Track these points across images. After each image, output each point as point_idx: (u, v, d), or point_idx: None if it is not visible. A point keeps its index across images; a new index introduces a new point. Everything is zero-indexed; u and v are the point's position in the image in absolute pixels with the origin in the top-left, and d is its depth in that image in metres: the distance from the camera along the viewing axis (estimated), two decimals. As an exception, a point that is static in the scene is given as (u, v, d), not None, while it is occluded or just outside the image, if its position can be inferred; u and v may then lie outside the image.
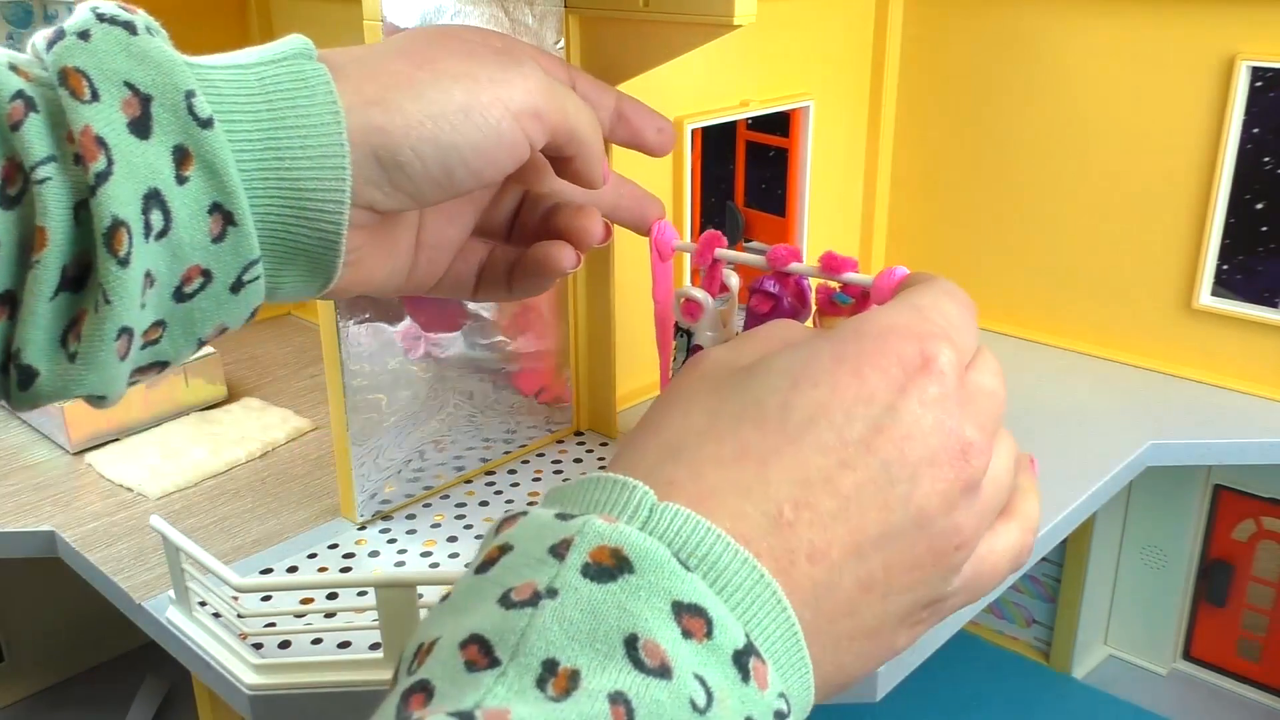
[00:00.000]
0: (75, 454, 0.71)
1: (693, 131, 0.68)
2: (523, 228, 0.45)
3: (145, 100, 0.30)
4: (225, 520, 0.62)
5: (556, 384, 0.68)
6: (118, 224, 0.29)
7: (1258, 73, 0.68)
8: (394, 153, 0.34)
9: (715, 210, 0.81)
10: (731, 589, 0.23)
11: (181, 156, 0.30)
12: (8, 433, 0.75)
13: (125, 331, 0.30)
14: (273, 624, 0.51)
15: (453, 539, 0.59)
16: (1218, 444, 0.68)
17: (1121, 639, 0.94)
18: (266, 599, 0.53)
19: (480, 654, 0.21)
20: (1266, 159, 0.69)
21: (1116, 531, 0.90)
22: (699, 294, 0.48)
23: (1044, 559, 0.92)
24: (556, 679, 0.20)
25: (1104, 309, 0.79)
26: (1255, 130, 0.69)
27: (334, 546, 0.58)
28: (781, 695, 0.23)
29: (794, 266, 0.44)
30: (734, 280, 0.48)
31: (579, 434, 0.70)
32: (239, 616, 0.51)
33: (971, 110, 0.81)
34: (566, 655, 0.21)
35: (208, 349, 0.77)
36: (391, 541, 0.59)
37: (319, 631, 0.51)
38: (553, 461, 0.67)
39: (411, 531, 0.59)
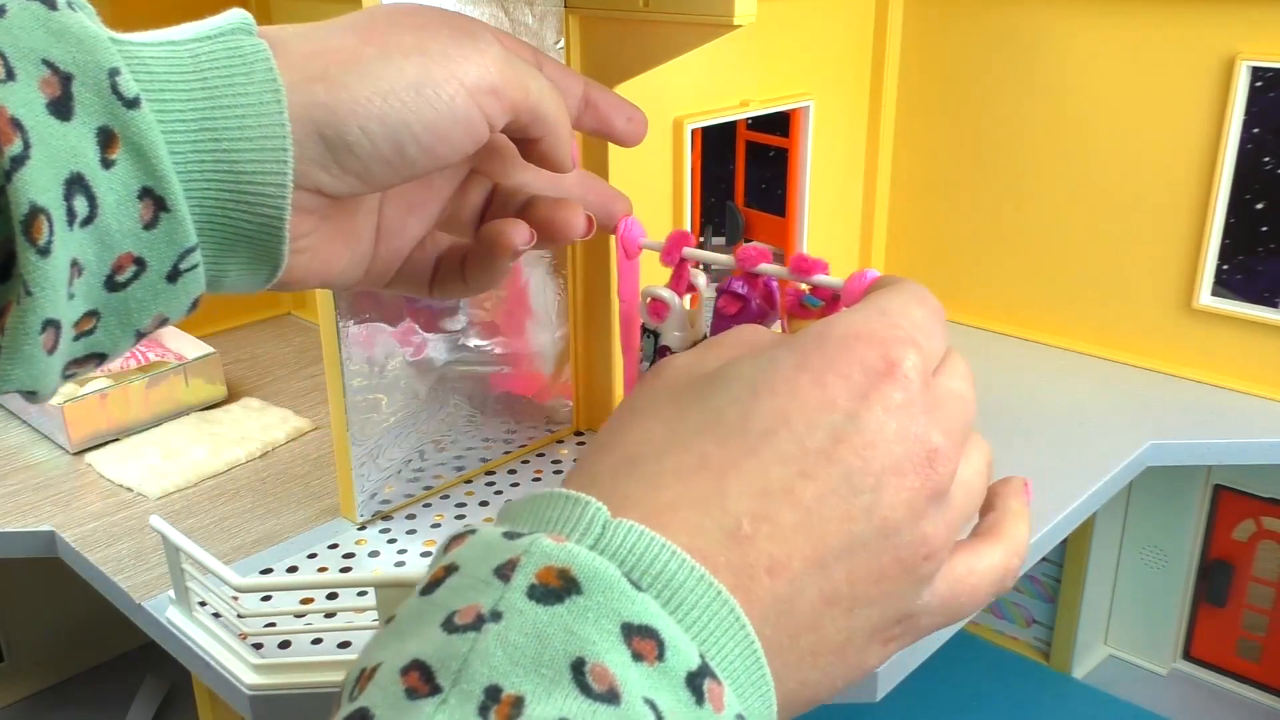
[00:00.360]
0: (75, 454, 0.71)
1: (693, 131, 0.68)
2: None
3: (65, 79, 0.28)
4: (225, 520, 0.62)
5: (556, 384, 0.68)
6: (36, 211, 0.27)
7: (1258, 73, 0.68)
8: (340, 131, 0.33)
9: (715, 210, 0.81)
10: (686, 607, 0.23)
11: (107, 139, 0.29)
12: (8, 433, 0.75)
13: (51, 324, 0.29)
14: (273, 624, 0.51)
15: (453, 539, 0.59)
16: (1218, 444, 0.68)
17: (1121, 639, 0.94)
18: (266, 599, 0.54)
19: (421, 680, 0.20)
20: (1266, 159, 0.69)
21: (1116, 531, 0.90)
22: (665, 294, 0.46)
23: (1044, 559, 0.92)
24: (499, 706, 0.19)
25: (1104, 309, 0.79)
26: (1255, 130, 0.69)
27: (334, 546, 0.58)
28: (739, 716, 0.23)
29: (763, 267, 0.43)
30: (701, 279, 0.47)
31: (579, 434, 0.70)
32: (239, 616, 0.51)
33: (971, 110, 0.81)
34: (510, 681, 0.20)
35: (207, 348, 0.77)
36: (391, 541, 0.59)
37: (319, 631, 0.51)
38: (553, 461, 0.67)
39: (411, 531, 0.59)
